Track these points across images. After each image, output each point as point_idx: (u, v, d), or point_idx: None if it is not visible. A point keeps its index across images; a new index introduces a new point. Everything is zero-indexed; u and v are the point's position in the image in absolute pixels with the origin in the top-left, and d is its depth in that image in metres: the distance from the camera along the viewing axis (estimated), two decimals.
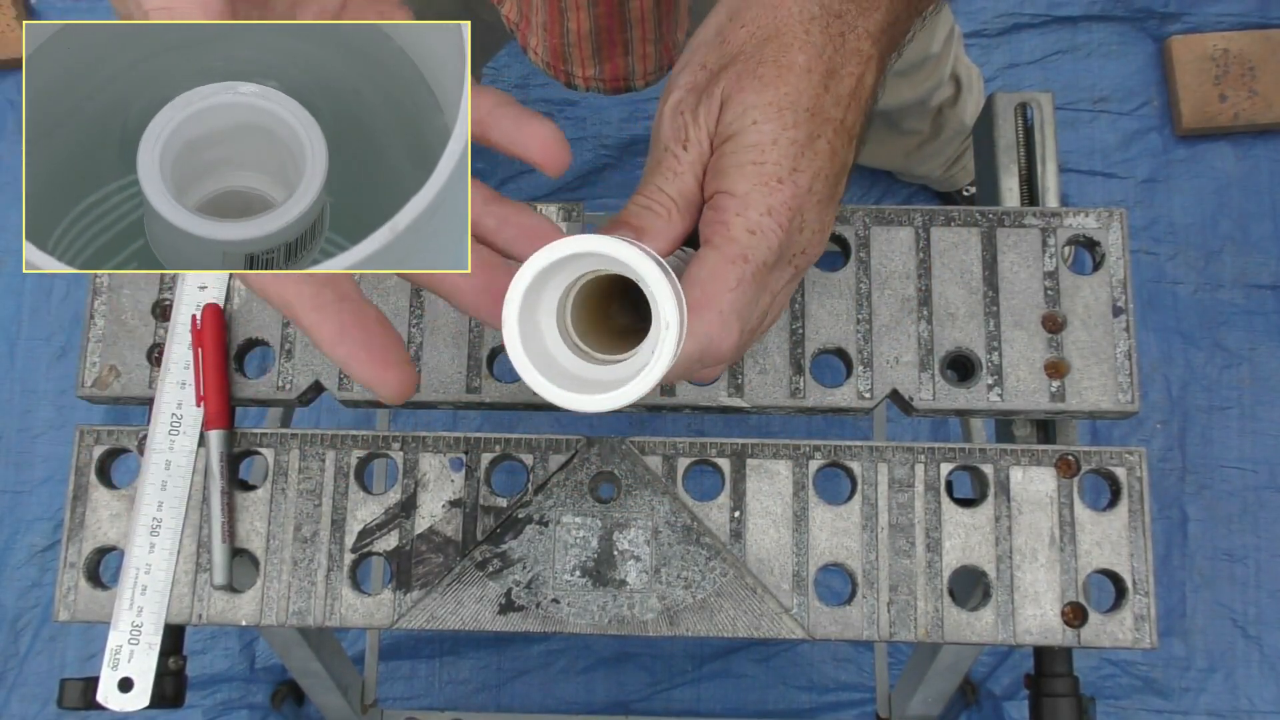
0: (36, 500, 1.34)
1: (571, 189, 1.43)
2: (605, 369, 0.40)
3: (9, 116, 1.44)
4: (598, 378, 0.40)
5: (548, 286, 0.39)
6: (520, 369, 0.38)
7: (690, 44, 0.45)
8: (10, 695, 1.29)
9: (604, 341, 0.42)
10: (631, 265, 0.37)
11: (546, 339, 0.40)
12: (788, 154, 0.41)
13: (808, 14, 0.42)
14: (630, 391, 0.37)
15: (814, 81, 0.42)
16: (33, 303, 1.40)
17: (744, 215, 0.41)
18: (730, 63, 0.43)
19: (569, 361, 0.41)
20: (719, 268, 0.41)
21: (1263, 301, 1.38)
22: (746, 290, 0.41)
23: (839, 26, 0.43)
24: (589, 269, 0.39)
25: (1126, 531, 0.60)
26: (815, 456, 0.61)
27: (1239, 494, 1.33)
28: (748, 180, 0.41)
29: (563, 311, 0.41)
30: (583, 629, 0.59)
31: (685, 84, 0.44)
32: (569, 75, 0.74)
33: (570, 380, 0.39)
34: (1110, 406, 0.61)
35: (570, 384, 0.39)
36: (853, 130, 0.44)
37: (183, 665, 0.61)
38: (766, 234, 0.41)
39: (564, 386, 0.38)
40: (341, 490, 0.61)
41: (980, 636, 0.59)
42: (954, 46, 1.09)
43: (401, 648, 1.30)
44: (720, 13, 0.45)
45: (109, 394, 0.63)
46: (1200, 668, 1.28)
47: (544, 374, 0.38)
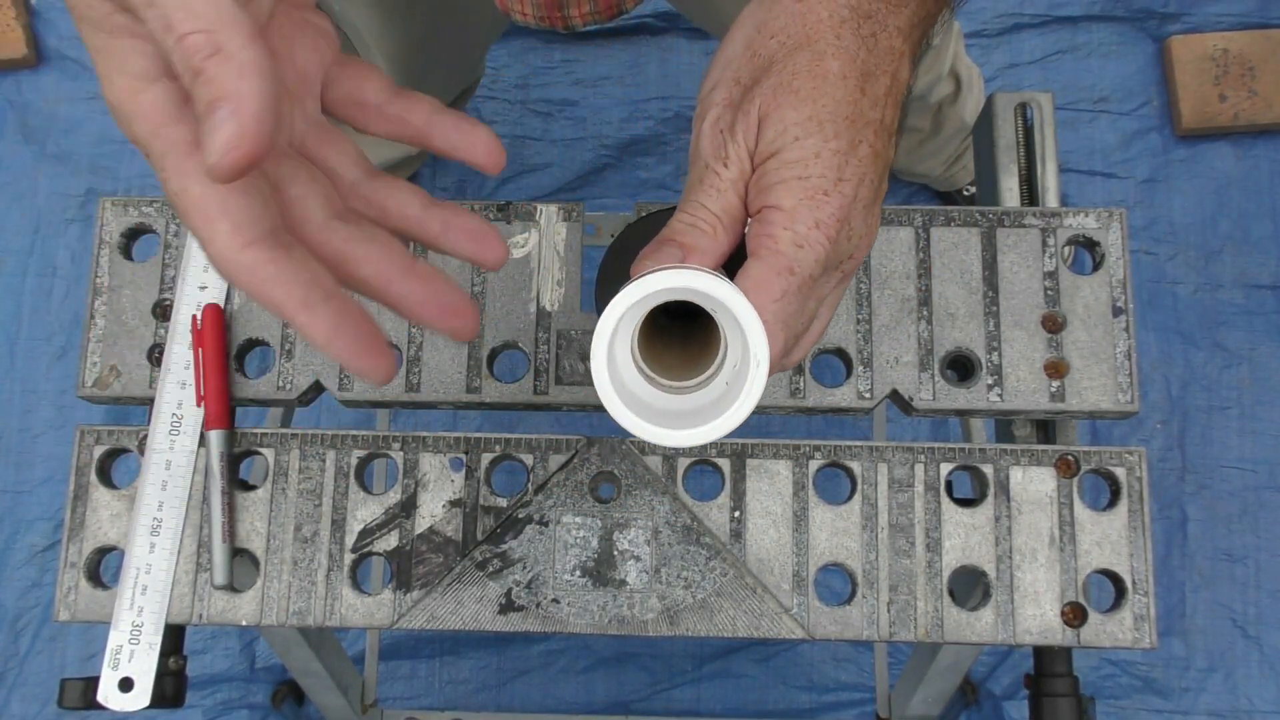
0: (36, 500, 1.34)
1: (571, 189, 1.43)
2: (679, 399, 0.41)
3: (9, 116, 1.44)
4: (674, 408, 0.41)
5: (624, 319, 0.39)
6: (612, 410, 0.39)
7: (718, 60, 0.45)
8: (10, 695, 1.29)
9: (658, 365, 0.43)
10: (725, 302, 0.38)
11: (624, 372, 0.41)
12: (831, 165, 0.41)
13: (837, 18, 0.42)
14: (724, 426, 0.39)
15: (850, 88, 0.42)
16: (33, 303, 1.40)
17: (791, 229, 0.41)
18: (763, 75, 0.42)
19: (643, 391, 0.42)
20: (765, 279, 0.41)
21: (1263, 301, 1.38)
22: (792, 301, 0.41)
23: (870, 27, 0.42)
24: (666, 300, 0.39)
25: (1126, 531, 0.60)
26: (815, 456, 0.61)
27: (1239, 494, 1.33)
28: (793, 195, 0.41)
29: (634, 342, 0.41)
30: (583, 629, 0.59)
31: (721, 100, 0.44)
32: (566, 19, 0.74)
33: (651, 413, 0.40)
34: (1110, 406, 0.61)
35: (654, 417, 0.40)
36: (891, 127, 0.43)
37: (183, 665, 0.61)
38: (814, 246, 0.41)
39: (650, 420, 0.39)
40: (341, 490, 0.61)
41: (980, 636, 0.59)
42: (953, 41, 1.09)
43: (401, 648, 1.30)
44: (746, 26, 0.44)
45: (109, 394, 0.63)
46: (1200, 668, 1.28)
47: (633, 410, 0.39)
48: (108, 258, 0.64)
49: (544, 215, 0.65)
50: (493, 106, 1.44)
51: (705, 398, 0.41)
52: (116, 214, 0.65)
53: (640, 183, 1.43)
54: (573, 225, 0.64)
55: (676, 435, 0.39)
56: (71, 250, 1.41)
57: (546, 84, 1.46)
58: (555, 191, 1.43)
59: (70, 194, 1.42)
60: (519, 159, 1.44)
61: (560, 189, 1.43)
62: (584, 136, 1.45)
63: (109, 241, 0.65)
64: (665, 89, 1.46)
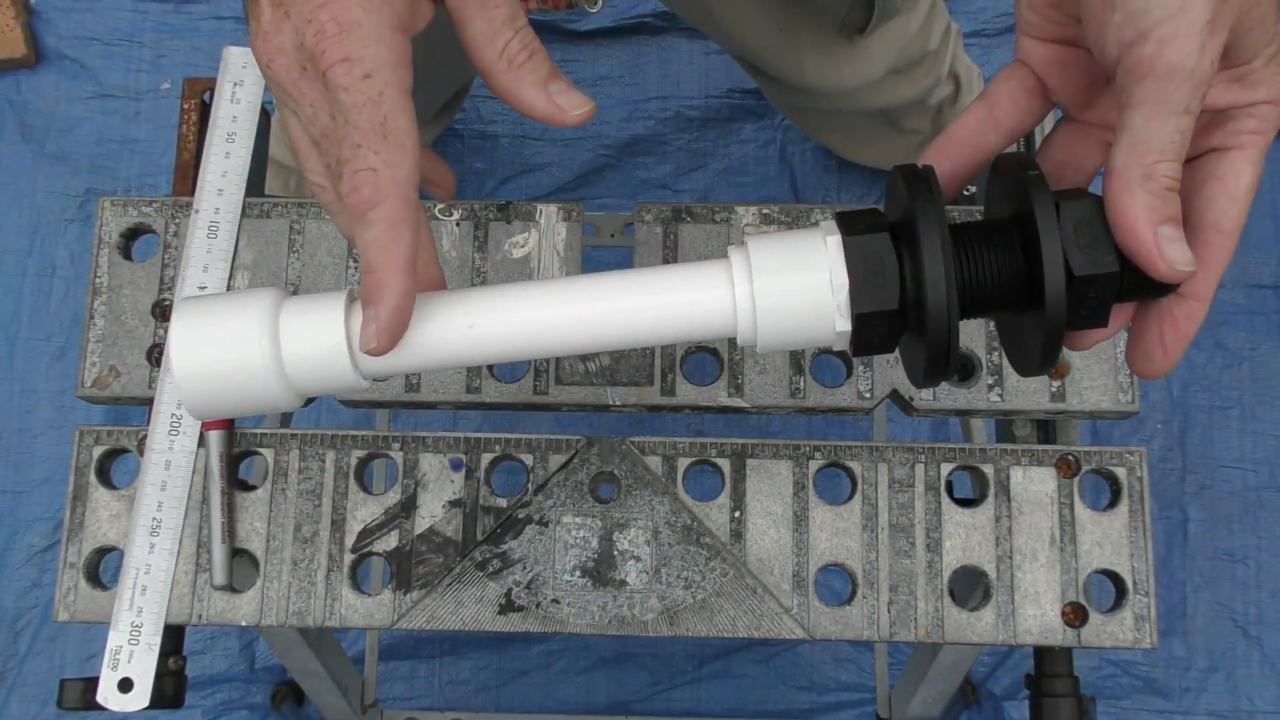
0: (36, 500, 1.34)
1: (571, 189, 1.43)
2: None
3: (8, 116, 1.44)
4: None
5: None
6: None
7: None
8: (10, 695, 1.29)
9: None
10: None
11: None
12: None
13: None
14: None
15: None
16: (33, 303, 1.40)
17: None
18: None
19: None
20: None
21: (1263, 301, 1.38)
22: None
23: None
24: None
25: (1127, 531, 0.60)
26: (815, 456, 0.61)
27: (1239, 494, 1.33)
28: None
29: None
30: (583, 629, 0.59)
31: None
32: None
33: None
34: (1110, 406, 0.61)
35: None
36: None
37: (183, 665, 0.61)
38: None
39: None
40: (341, 490, 0.61)
41: (980, 636, 0.59)
42: (952, 44, 1.09)
43: (401, 648, 1.30)
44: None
45: (109, 394, 0.63)
46: (1201, 668, 1.28)
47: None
48: (107, 258, 0.64)
49: (544, 215, 0.64)
50: (493, 106, 1.44)
51: None
52: (116, 214, 0.65)
53: (640, 182, 1.43)
54: (573, 225, 0.64)
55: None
56: (71, 250, 1.40)
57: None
58: (555, 191, 1.42)
59: (69, 194, 1.42)
60: (519, 159, 1.43)
61: (560, 189, 1.43)
62: (584, 136, 1.45)
63: (108, 241, 0.65)
64: (665, 89, 1.46)
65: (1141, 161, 0.37)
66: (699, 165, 1.43)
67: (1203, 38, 0.36)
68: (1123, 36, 0.37)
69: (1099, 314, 0.39)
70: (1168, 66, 0.36)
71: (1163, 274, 0.37)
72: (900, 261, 0.38)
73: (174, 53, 1.43)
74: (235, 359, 0.40)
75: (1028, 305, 0.39)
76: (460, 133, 1.41)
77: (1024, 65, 0.43)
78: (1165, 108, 0.36)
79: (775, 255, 0.39)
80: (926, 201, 0.37)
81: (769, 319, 0.39)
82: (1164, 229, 0.37)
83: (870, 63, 0.96)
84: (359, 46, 0.38)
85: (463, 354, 0.41)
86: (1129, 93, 0.37)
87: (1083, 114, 0.43)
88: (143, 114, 1.42)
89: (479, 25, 0.41)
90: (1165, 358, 0.41)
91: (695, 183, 1.43)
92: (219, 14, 1.43)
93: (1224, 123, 0.39)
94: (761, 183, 1.43)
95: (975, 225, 0.40)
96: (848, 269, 0.38)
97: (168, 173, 1.19)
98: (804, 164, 1.43)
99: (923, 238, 0.37)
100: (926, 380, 0.40)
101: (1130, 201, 0.37)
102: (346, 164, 0.39)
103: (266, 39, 0.39)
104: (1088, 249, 0.37)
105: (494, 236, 0.64)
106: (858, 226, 0.39)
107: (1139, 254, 0.37)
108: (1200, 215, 0.39)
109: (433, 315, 0.41)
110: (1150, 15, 0.36)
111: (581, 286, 0.41)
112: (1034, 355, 0.39)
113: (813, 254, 0.39)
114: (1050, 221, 0.37)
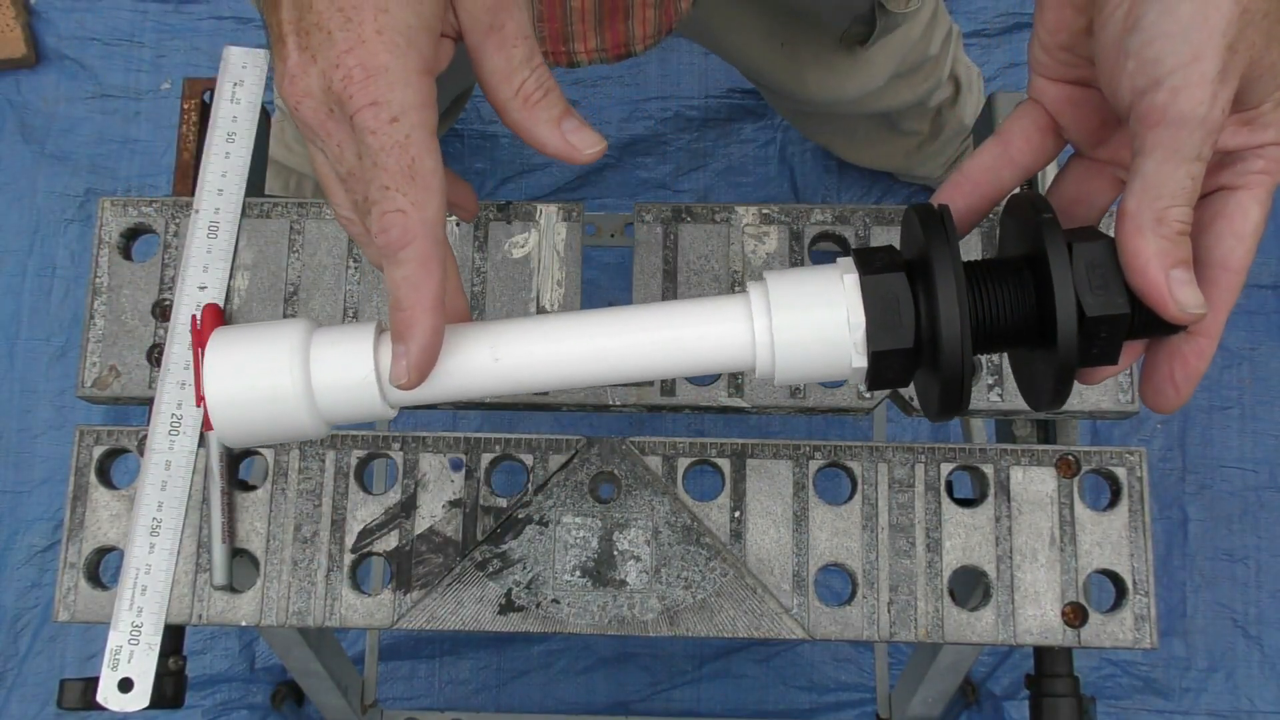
0: (36, 500, 1.34)
1: (571, 189, 1.43)
2: None
3: (8, 116, 1.44)
4: None
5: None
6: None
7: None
8: (10, 695, 1.29)
9: None
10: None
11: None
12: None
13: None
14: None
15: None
16: (33, 303, 1.40)
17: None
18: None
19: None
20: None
21: (1263, 301, 1.38)
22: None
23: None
24: None
25: (1127, 531, 0.60)
26: (815, 456, 0.61)
27: (1239, 494, 1.33)
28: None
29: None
30: (583, 629, 0.59)
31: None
32: (570, 54, 0.75)
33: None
34: (1110, 406, 0.61)
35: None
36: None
37: (183, 665, 0.61)
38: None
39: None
40: (341, 490, 0.61)
41: (980, 636, 0.59)
42: (952, 47, 1.09)
43: (401, 648, 1.30)
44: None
45: (109, 394, 0.63)
46: (1201, 668, 1.28)
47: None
48: (107, 258, 0.64)
49: (544, 215, 0.64)
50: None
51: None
52: (116, 214, 0.65)
53: (640, 183, 1.43)
54: (573, 225, 0.64)
55: None
56: (71, 250, 1.40)
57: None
58: (555, 191, 1.42)
59: (69, 194, 1.42)
60: (519, 159, 1.44)
61: (560, 189, 1.43)
62: None
63: (108, 241, 0.65)
64: (665, 89, 1.46)
65: (1154, 206, 0.37)
66: (699, 165, 1.43)
67: (1214, 87, 0.36)
68: (1136, 84, 0.37)
69: (1110, 352, 0.40)
70: (1180, 115, 0.37)
71: (1174, 316, 0.38)
72: (916, 301, 0.39)
73: (174, 53, 1.43)
74: (267, 389, 0.41)
75: (1039, 342, 0.40)
76: (460, 133, 1.41)
77: (1037, 104, 0.44)
78: (1177, 154, 0.37)
79: (793, 291, 0.40)
80: (941, 242, 0.39)
81: (787, 354, 0.40)
82: (1175, 272, 0.38)
83: (872, 73, 0.96)
84: (386, 90, 0.38)
85: (488, 386, 0.42)
86: (1142, 139, 0.38)
87: (1094, 151, 0.44)
88: (143, 114, 1.42)
89: (496, 62, 0.42)
90: (1177, 394, 0.41)
91: (695, 183, 1.43)
92: (219, 14, 1.43)
93: (1232, 163, 0.40)
94: (761, 183, 1.43)
95: (989, 264, 0.41)
96: (864, 307, 0.39)
97: (168, 173, 1.19)
98: (804, 164, 1.43)
99: (938, 280, 0.38)
100: (941, 415, 0.41)
101: (1142, 245, 0.38)
102: (375, 204, 0.39)
103: (294, 82, 0.40)
104: (1099, 290, 0.38)
105: (494, 236, 0.64)
106: (874, 265, 0.40)
107: (1151, 296, 0.38)
108: (1208, 253, 0.40)
109: (459, 348, 0.42)
110: (1163, 64, 0.37)
111: (603, 320, 0.42)
112: (1046, 392, 0.40)
113: (830, 291, 0.40)
114: (1063, 264, 0.38)
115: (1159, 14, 0.37)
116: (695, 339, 0.41)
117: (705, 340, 0.41)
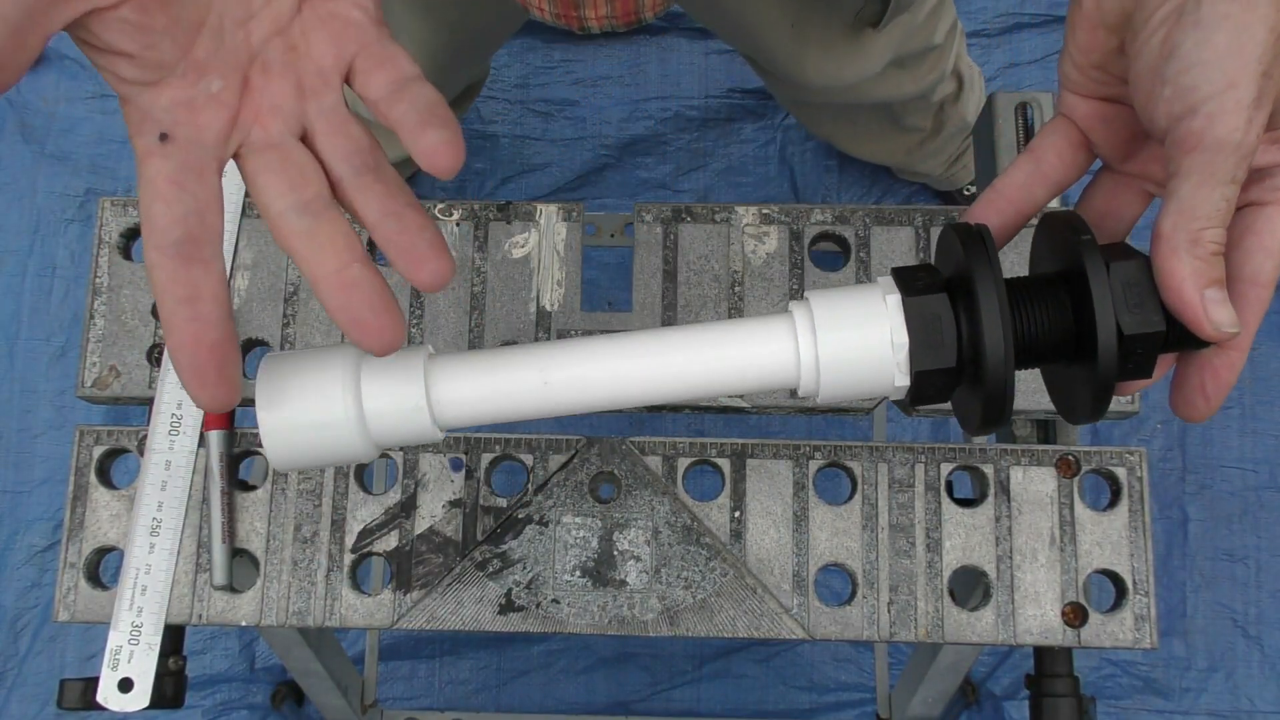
0: (36, 500, 1.34)
1: (571, 189, 1.43)
2: None
3: (8, 116, 1.44)
4: None
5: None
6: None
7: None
8: (10, 695, 1.29)
9: None
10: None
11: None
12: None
13: None
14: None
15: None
16: (33, 303, 1.40)
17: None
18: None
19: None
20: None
21: None
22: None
23: None
24: None
25: (1127, 531, 0.60)
26: (815, 456, 0.61)
27: (1239, 494, 1.33)
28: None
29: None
30: (583, 629, 0.59)
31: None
32: (581, 20, 0.75)
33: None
34: (1111, 407, 0.61)
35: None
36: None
37: (183, 665, 0.61)
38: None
39: None
40: (341, 490, 0.61)
41: (980, 636, 0.59)
42: (957, 41, 1.09)
43: (401, 648, 1.30)
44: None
45: (109, 394, 0.63)
46: (1201, 668, 1.28)
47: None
48: (107, 258, 0.64)
49: (544, 215, 0.64)
50: (493, 106, 1.44)
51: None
52: (116, 214, 0.65)
53: (640, 183, 1.43)
54: (573, 225, 0.64)
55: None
56: (71, 250, 1.41)
57: (546, 84, 1.45)
58: (555, 191, 1.42)
59: (69, 194, 1.42)
60: (519, 159, 1.44)
61: (560, 189, 1.43)
62: (584, 136, 1.45)
63: (108, 241, 0.65)
64: (665, 89, 1.46)
65: (1189, 228, 0.38)
66: (699, 165, 1.43)
67: (1250, 112, 0.37)
68: (1172, 110, 0.38)
69: (1145, 367, 0.41)
70: (1215, 140, 0.37)
71: (1208, 334, 0.39)
72: (958, 320, 0.40)
73: None
74: (319, 415, 0.41)
75: (1076, 358, 0.41)
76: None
77: (1067, 120, 0.45)
78: (1213, 178, 0.38)
79: (837, 312, 0.41)
80: (984, 265, 0.39)
81: (831, 373, 0.41)
82: (1210, 292, 0.39)
83: (870, 59, 0.96)
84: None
85: (538, 407, 0.43)
86: (1177, 163, 0.38)
87: (1124, 166, 0.45)
88: None
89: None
90: (1207, 405, 0.43)
91: (695, 183, 1.43)
92: None
93: (1262, 179, 0.41)
94: (761, 183, 1.43)
95: (1026, 281, 0.42)
96: (908, 328, 0.40)
97: None
98: (804, 164, 1.43)
99: (982, 302, 0.39)
100: (981, 430, 0.42)
101: (1178, 265, 0.38)
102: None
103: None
104: (1136, 309, 0.40)
105: (494, 236, 0.64)
106: (916, 286, 0.41)
107: (1186, 315, 0.39)
108: (1238, 269, 0.41)
109: (509, 370, 0.42)
110: (1199, 91, 0.37)
111: (649, 341, 0.42)
112: (1085, 406, 0.41)
113: (874, 312, 0.41)
114: (1103, 285, 0.39)
115: (1195, 43, 0.37)
116: (741, 358, 0.42)
117: (751, 360, 0.42)
